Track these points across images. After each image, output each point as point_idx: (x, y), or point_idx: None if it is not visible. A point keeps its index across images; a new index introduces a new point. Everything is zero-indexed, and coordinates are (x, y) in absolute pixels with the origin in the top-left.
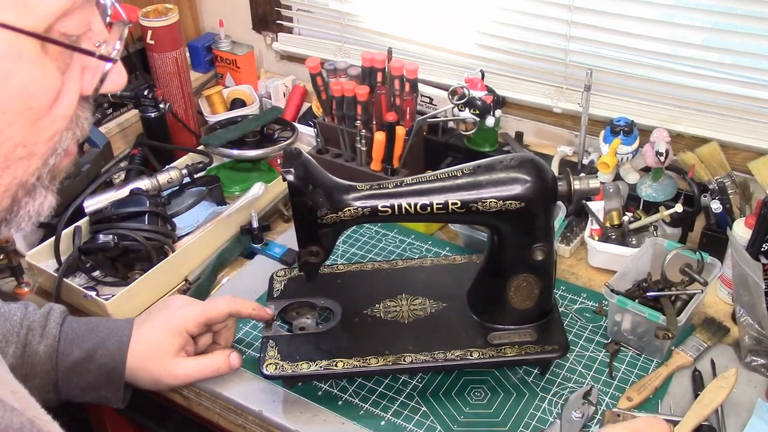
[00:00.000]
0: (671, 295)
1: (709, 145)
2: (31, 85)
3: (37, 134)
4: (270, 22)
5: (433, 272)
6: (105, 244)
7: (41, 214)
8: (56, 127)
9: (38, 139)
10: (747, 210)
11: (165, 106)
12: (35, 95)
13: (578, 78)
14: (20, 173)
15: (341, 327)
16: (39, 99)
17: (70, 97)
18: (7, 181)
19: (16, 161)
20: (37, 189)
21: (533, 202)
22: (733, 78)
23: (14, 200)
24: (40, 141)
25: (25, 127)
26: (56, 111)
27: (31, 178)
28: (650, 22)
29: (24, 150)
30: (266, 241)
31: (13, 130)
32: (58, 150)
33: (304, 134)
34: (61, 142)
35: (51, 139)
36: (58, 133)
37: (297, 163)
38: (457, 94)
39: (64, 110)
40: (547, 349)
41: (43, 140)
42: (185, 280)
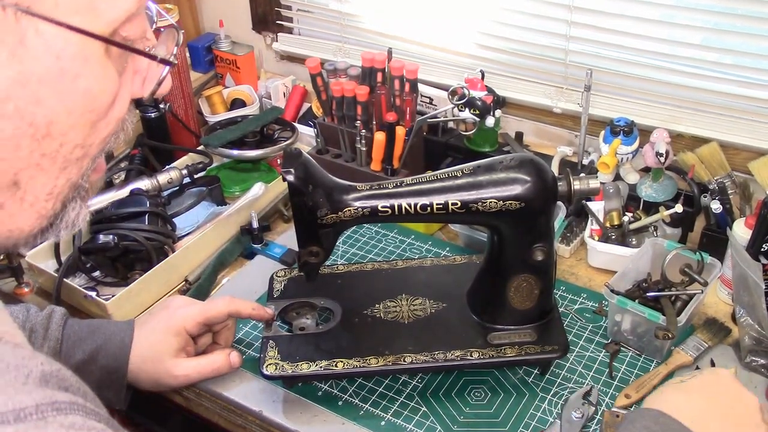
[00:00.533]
0: (671, 295)
1: (709, 145)
2: (95, 86)
3: (94, 136)
4: (270, 22)
5: (433, 272)
6: (105, 245)
7: (76, 225)
8: (110, 128)
9: (94, 140)
10: (747, 210)
11: (165, 106)
12: (98, 97)
13: (578, 78)
14: (74, 175)
15: (341, 327)
16: (101, 101)
17: (124, 99)
18: (62, 182)
19: (72, 162)
20: (81, 194)
21: (533, 203)
22: (732, 78)
23: (64, 204)
24: (95, 142)
25: (86, 128)
26: (112, 113)
27: (81, 180)
28: (650, 22)
29: (81, 151)
30: (266, 242)
31: (75, 132)
32: (102, 153)
33: (304, 134)
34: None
35: (104, 141)
36: (110, 135)
37: (297, 164)
38: (457, 94)
39: (118, 112)
40: (547, 349)
41: (98, 142)
42: (185, 280)
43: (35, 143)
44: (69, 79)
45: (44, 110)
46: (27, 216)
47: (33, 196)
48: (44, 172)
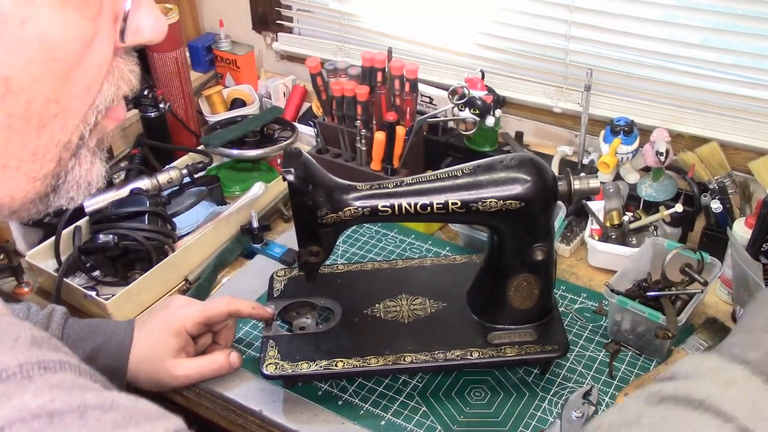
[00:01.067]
0: (671, 295)
1: (709, 144)
2: (51, 32)
3: (69, 87)
4: (270, 22)
5: (433, 272)
6: (105, 244)
7: (92, 183)
8: (91, 77)
9: (72, 92)
10: (747, 210)
11: (165, 106)
12: (59, 44)
13: (578, 78)
14: (58, 132)
15: (341, 327)
16: (64, 48)
17: (104, 45)
18: (45, 141)
19: (50, 119)
20: (82, 151)
21: (533, 202)
22: (733, 78)
23: (59, 163)
24: (74, 95)
25: (54, 80)
26: (89, 60)
27: (73, 137)
28: (650, 22)
29: (57, 106)
30: (266, 241)
31: (41, 85)
32: (98, 105)
33: (304, 134)
34: (102, 95)
35: (87, 91)
36: (95, 85)
37: (297, 163)
38: (457, 94)
39: (98, 59)
40: (547, 349)
41: (78, 93)
42: (185, 280)
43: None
44: (14, 25)
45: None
46: (15, 182)
47: (16, 160)
48: (19, 133)
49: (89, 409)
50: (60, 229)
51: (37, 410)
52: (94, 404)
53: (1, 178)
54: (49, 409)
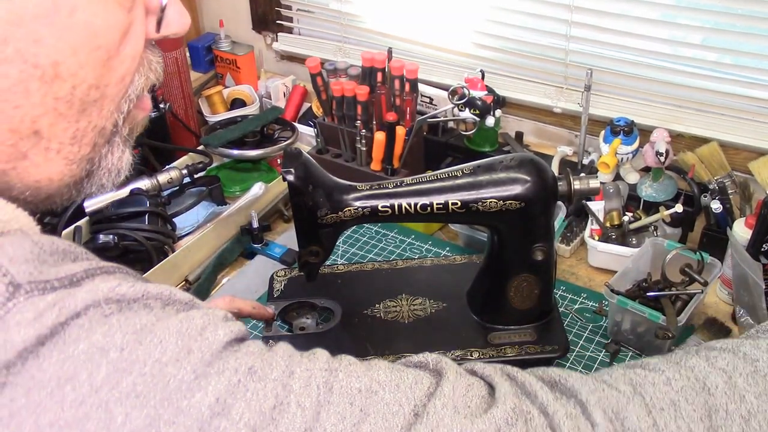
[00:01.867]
0: (671, 295)
1: (709, 145)
2: (96, 20)
3: (108, 75)
4: (270, 22)
5: (433, 272)
6: (105, 244)
7: (121, 171)
8: (126, 67)
9: (110, 80)
10: (747, 210)
11: (165, 106)
12: (102, 32)
13: (578, 78)
14: (95, 117)
15: (341, 327)
16: (106, 36)
17: (137, 36)
18: (83, 125)
19: (90, 104)
20: (115, 140)
21: (533, 202)
22: (733, 78)
23: (94, 148)
24: (111, 82)
25: (97, 67)
26: (125, 50)
27: (107, 123)
28: (650, 22)
29: (97, 92)
30: (266, 241)
31: (86, 72)
32: (130, 94)
33: (304, 134)
34: (133, 85)
35: (122, 80)
36: (129, 74)
37: (297, 163)
38: (457, 94)
39: (132, 50)
40: (547, 349)
41: (114, 81)
42: (185, 280)
43: (45, 86)
44: (65, 13)
45: (46, 50)
46: (54, 164)
47: (57, 142)
48: (63, 117)
49: (151, 297)
50: (60, 229)
51: (107, 293)
52: (155, 293)
53: (42, 159)
54: (118, 293)
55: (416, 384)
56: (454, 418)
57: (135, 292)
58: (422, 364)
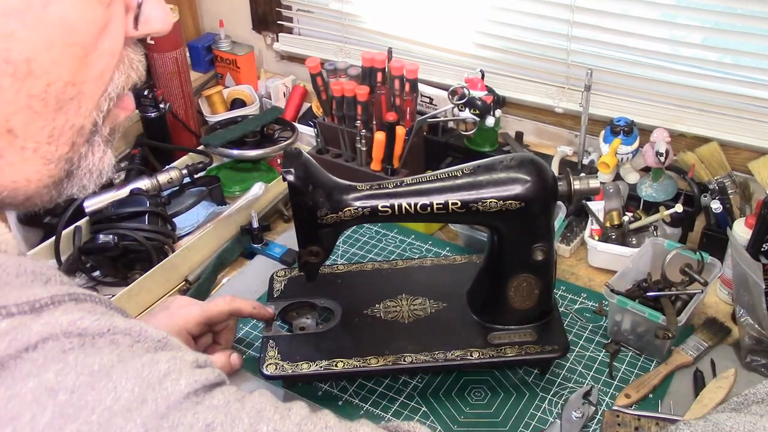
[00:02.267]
0: (671, 295)
1: (709, 145)
2: (71, 15)
3: (84, 71)
4: (270, 22)
5: (433, 272)
6: (105, 244)
7: (103, 172)
8: (104, 64)
9: (86, 77)
10: (747, 210)
11: (165, 106)
12: (77, 27)
13: (580, 78)
14: (72, 115)
15: (341, 327)
16: (82, 32)
17: (116, 33)
18: (60, 124)
19: (67, 102)
20: (95, 139)
21: (533, 202)
22: (733, 78)
23: (72, 148)
24: (88, 79)
25: (72, 63)
26: (102, 46)
27: (86, 122)
28: (651, 22)
29: (73, 89)
30: (266, 241)
31: (61, 68)
32: (110, 92)
33: (304, 134)
34: (113, 83)
35: (100, 77)
36: (107, 71)
37: (297, 163)
38: (457, 94)
39: (111, 46)
40: (547, 349)
41: (92, 78)
42: (185, 280)
43: (18, 83)
44: (38, 8)
45: (19, 45)
46: (31, 164)
47: (33, 141)
48: (38, 115)
49: (119, 333)
50: (60, 229)
51: (67, 326)
52: (123, 329)
53: (18, 159)
54: (79, 327)
55: None
56: None
57: (100, 327)
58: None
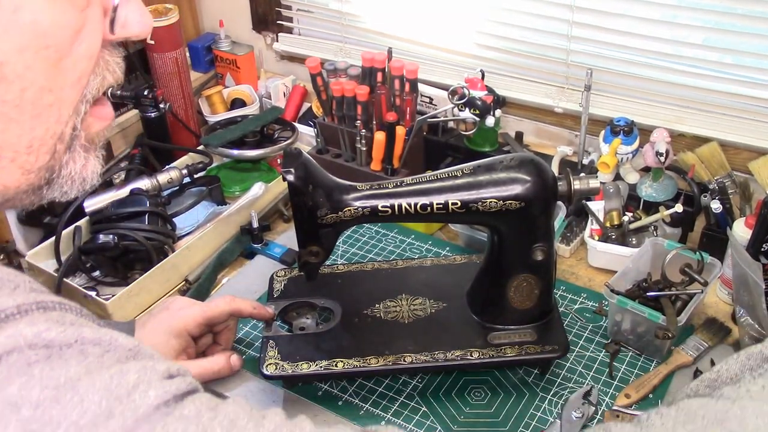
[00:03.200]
0: (671, 295)
1: (709, 145)
2: (43, 19)
3: (61, 76)
4: (270, 22)
5: (433, 272)
6: (105, 244)
7: (86, 179)
8: (81, 68)
9: (64, 82)
10: (747, 210)
11: (165, 106)
12: (50, 32)
13: (580, 78)
14: (53, 123)
15: (341, 327)
16: (55, 36)
17: (93, 36)
18: (40, 133)
19: (45, 109)
20: (75, 146)
21: (533, 202)
22: (733, 78)
23: (53, 156)
24: (66, 84)
25: (47, 68)
26: (78, 50)
27: (66, 128)
28: (651, 22)
29: (51, 95)
30: (266, 241)
31: (34, 73)
32: (86, 96)
33: (304, 134)
34: (89, 86)
35: (78, 82)
36: (84, 76)
37: (297, 163)
38: (457, 94)
39: (86, 50)
40: (547, 349)
41: (70, 83)
42: (185, 280)
43: None
44: (8, 12)
45: None
46: (9, 173)
47: (11, 151)
48: (14, 122)
49: (87, 343)
50: (60, 229)
51: (32, 338)
52: (92, 339)
53: None
54: (45, 339)
55: None
56: None
57: (67, 337)
58: None
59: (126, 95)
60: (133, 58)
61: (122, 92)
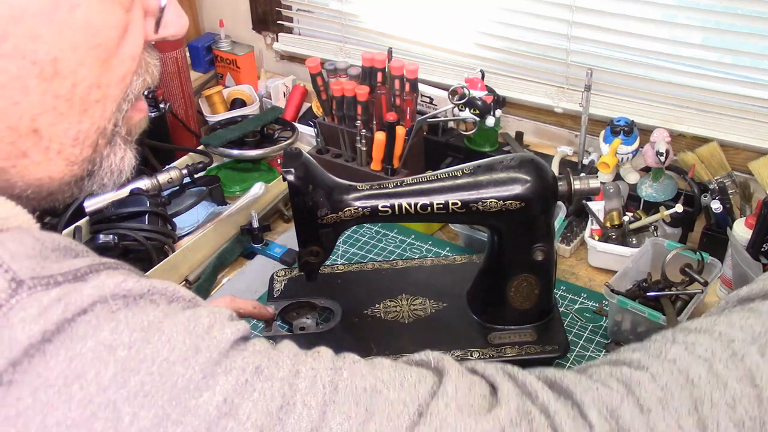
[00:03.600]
0: (671, 295)
1: (709, 145)
2: (96, 19)
3: (108, 74)
4: (270, 22)
5: (433, 272)
6: (105, 244)
7: (123, 171)
8: (126, 67)
9: (110, 80)
10: (747, 210)
11: (165, 106)
12: (101, 30)
13: (580, 78)
14: (98, 118)
15: (341, 327)
16: (105, 35)
17: (136, 37)
18: (86, 127)
19: (92, 104)
20: (116, 140)
21: (533, 202)
22: (733, 78)
23: (95, 150)
24: (112, 82)
25: (96, 66)
26: (124, 50)
27: (108, 124)
28: (651, 22)
29: (98, 92)
30: (266, 241)
31: (85, 70)
32: (129, 96)
33: (304, 134)
34: (132, 86)
35: (123, 80)
36: (129, 75)
37: (297, 163)
38: (457, 94)
39: (131, 50)
40: (547, 349)
41: (116, 81)
42: (185, 280)
43: (45, 84)
44: (65, 10)
45: (45, 46)
46: (55, 164)
47: (58, 143)
48: (64, 116)
49: (156, 293)
50: (60, 229)
51: (113, 288)
52: (161, 289)
53: (43, 158)
54: (124, 289)
55: (419, 383)
56: (458, 417)
57: (141, 288)
58: (424, 362)
59: None
60: None
61: None
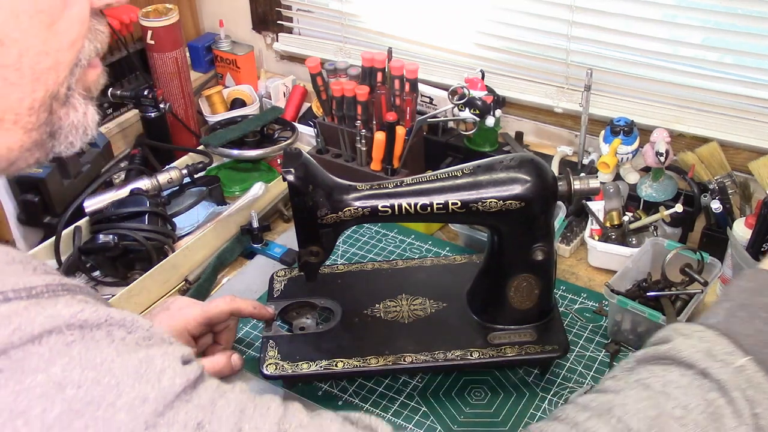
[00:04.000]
0: (671, 295)
1: (709, 145)
2: None
3: (56, 39)
4: (270, 22)
5: (433, 272)
6: (105, 244)
7: (88, 127)
8: (74, 32)
9: (60, 45)
10: (747, 210)
11: (165, 106)
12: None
13: (580, 78)
14: (51, 85)
15: (341, 327)
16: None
17: (81, 1)
18: (41, 95)
19: (44, 72)
20: (72, 98)
21: (533, 202)
22: (733, 78)
23: (51, 112)
24: (62, 47)
25: (42, 32)
26: (70, 14)
27: (62, 88)
28: (651, 22)
29: (48, 59)
30: (266, 241)
31: (30, 37)
32: (81, 61)
33: (304, 134)
34: (84, 51)
35: (73, 45)
36: (79, 39)
37: (297, 163)
38: (457, 94)
39: (78, 14)
40: (547, 349)
41: (66, 46)
42: (185, 280)
43: None
44: None
45: None
46: (13, 134)
47: (13, 114)
48: (15, 86)
49: (114, 324)
50: (60, 229)
51: (69, 319)
52: (119, 319)
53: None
54: (80, 319)
55: None
56: None
57: (98, 318)
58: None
59: (126, 95)
60: (133, 58)
61: (122, 92)
